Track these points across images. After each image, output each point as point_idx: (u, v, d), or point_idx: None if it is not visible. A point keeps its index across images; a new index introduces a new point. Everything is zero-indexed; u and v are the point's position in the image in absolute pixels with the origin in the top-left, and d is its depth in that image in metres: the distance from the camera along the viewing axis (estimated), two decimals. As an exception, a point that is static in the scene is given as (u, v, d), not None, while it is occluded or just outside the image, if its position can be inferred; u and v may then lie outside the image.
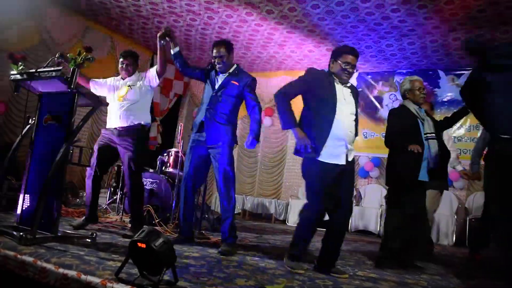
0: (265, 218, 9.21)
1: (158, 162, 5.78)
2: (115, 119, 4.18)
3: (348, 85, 3.25)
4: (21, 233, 2.78)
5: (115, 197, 5.61)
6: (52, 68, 3.14)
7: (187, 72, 4.16)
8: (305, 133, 3.06)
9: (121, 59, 4.36)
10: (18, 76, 3.35)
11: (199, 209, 5.10)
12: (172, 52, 4.02)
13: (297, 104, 3.23)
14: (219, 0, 6.78)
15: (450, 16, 6.38)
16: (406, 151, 3.68)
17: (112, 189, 5.85)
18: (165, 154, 5.81)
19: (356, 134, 3.20)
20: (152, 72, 4.25)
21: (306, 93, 3.22)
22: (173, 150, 5.77)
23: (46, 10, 7.50)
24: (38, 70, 3.22)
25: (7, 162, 3.49)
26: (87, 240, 3.22)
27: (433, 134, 3.78)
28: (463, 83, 3.28)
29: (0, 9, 6.43)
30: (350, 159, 3.13)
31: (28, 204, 3.29)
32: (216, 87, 3.89)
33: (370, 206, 8.26)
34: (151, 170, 5.57)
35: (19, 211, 3.35)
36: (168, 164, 5.69)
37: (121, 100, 4.18)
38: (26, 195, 3.36)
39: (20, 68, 3.40)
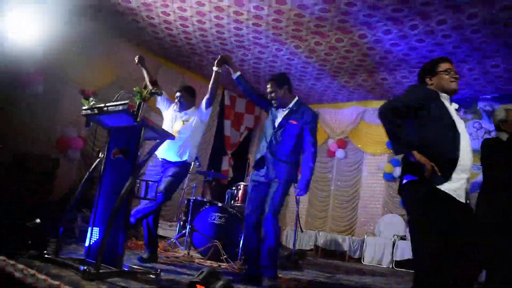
0: (338, 255, 8.78)
1: (226, 196, 5.73)
2: (164, 152, 4.34)
3: (456, 107, 2.77)
4: (84, 267, 2.77)
5: (184, 231, 5.58)
6: (119, 102, 3.19)
7: (252, 97, 4.13)
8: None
9: (176, 93, 4.54)
10: (89, 111, 3.45)
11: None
12: (234, 77, 4.00)
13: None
14: (286, 32, 6.77)
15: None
16: (499, 188, 3.29)
17: (181, 222, 5.85)
18: (234, 188, 5.74)
19: None
20: (202, 106, 4.39)
21: (416, 112, 2.64)
22: (241, 184, 5.70)
23: (121, 49, 7.92)
24: (106, 104, 3.30)
25: (78, 195, 3.56)
26: (151, 276, 3.15)
27: None
28: None
29: (79, 48, 6.86)
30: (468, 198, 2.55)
31: (97, 238, 3.32)
32: (276, 124, 3.82)
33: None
34: (219, 204, 5.51)
35: (87, 244, 3.39)
36: (237, 198, 5.61)
37: (176, 135, 4.27)
38: (94, 228, 3.40)
39: (92, 103, 3.51)
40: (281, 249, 5.91)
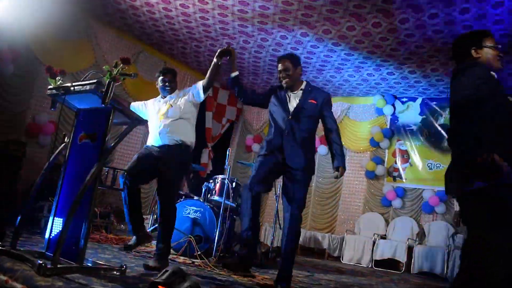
0: (317, 253, 8.61)
1: (203, 189, 5.46)
2: (155, 138, 3.88)
3: None
4: (40, 262, 2.50)
5: (156, 225, 5.31)
6: (87, 82, 2.92)
7: (247, 98, 3.84)
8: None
9: (161, 77, 4.05)
10: (54, 91, 3.16)
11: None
12: (231, 76, 3.71)
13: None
14: (273, 20, 6.51)
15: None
16: None
17: (155, 215, 5.57)
18: (211, 181, 5.49)
19: None
20: (198, 86, 3.91)
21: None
22: (219, 176, 5.44)
23: (100, 33, 7.58)
24: (73, 84, 3.02)
25: (39, 182, 3.27)
26: (115, 273, 2.89)
27: None
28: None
29: (55, 30, 6.51)
30: None
31: (59, 229, 3.04)
32: (291, 109, 3.56)
33: (435, 246, 7.49)
34: (195, 198, 5.25)
35: (47, 236, 3.11)
36: (214, 192, 5.35)
37: (162, 118, 3.88)
38: (56, 218, 3.12)
39: (59, 82, 3.22)
40: (259, 246, 5.67)
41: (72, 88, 3.02)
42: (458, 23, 5.72)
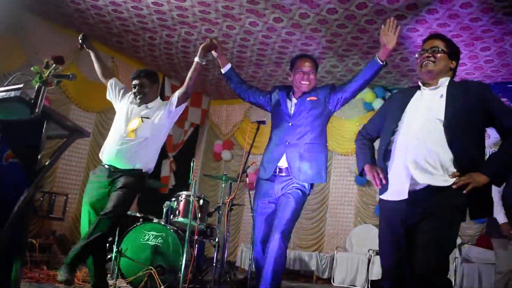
0: (304, 276, 8.56)
1: (164, 209, 5.34)
2: (111, 153, 3.83)
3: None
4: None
5: (110, 255, 5.16)
6: (11, 87, 2.74)
7: (246, 95, 3.88)
8: None
9: (133, 81, 4.00)
10: (-31, 100, 2.97)
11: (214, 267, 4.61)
12: (223, 71, 3.76)
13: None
14: (240, 4, 6.42)
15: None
16: None
17: (107, 244, 5.40)
18: (173, 199, 5.35)
19: None
20: (174, 94, 3.96)
21: None
22: (183, 193, 5.31)
23: (31, 26, 7.39)
24: (-6, 91, 2.84)
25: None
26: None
27: None
28: None
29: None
30: None
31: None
32: (291, 112, 3.58)
33: None
34: (155, 220, 5.11)
35: (-30, 280, 2.93)
36: (178, 212, 5.22)
37: (131, 135, 3.83)
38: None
39: (-22, 90, 3.04)
40: (233, 272, 5.59)
41: (-8, 96, 2.84)
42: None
